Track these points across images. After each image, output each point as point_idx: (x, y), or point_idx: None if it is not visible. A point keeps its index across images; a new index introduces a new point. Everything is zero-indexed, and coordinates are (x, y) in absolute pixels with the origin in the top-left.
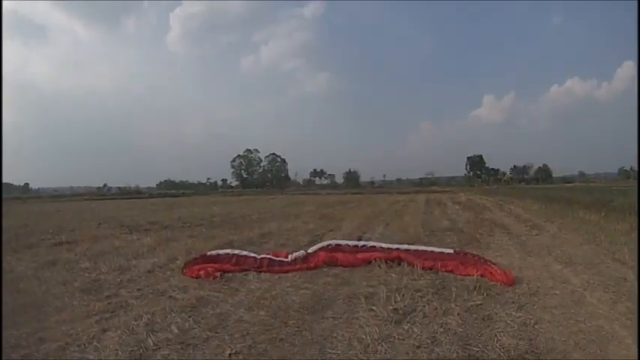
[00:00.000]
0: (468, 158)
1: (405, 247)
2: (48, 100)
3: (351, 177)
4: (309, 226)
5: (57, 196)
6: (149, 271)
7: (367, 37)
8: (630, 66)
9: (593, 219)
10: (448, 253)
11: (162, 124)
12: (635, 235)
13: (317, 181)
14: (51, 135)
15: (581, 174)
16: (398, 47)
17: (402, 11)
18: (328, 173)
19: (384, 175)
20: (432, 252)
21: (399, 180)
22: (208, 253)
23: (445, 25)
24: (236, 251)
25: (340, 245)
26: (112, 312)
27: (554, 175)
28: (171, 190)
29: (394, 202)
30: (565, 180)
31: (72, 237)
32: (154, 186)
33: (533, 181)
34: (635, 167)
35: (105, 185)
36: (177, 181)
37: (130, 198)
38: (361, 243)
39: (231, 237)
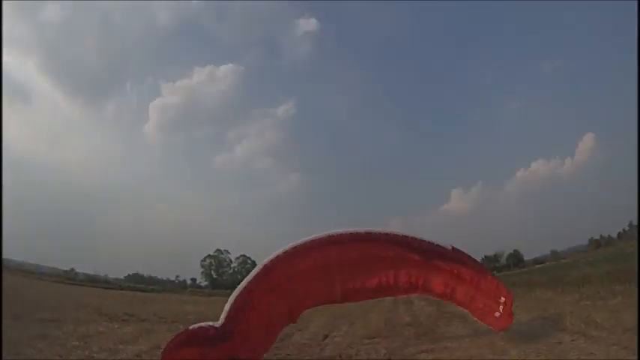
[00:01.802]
0: None
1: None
2: (20, 165)
3: None
4: None
5: (24, 270)
6: (137, 355)
7: (336, 135)
8: (591, 137)
9: (547, 296)
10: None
11: (132, 214)
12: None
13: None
14: (18, 202)
15: (554, 252)
16: (366, 145)
17: (371, 109)
18: None
19: None
20: (430, 243)
21: None
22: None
23: (410, 121)
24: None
25: None
26: None
27: (525, 259)
28: (139, 284)
29: (362, 302)
30: (537, 261)
31: (55, 315)
32: (122, 277)
33: (504, 269)
34: (605, 234)
35: (72, 269)
36: (145, 275)
37: (99, 287)
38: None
39: None
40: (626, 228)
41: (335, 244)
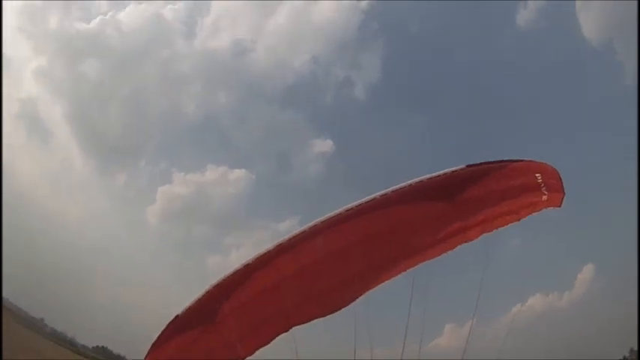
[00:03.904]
0: None
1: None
2: (18, 199)
3: None
4: None
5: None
6: None
7: None
8: (590, 268)
9: None
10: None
11: (115, 288)
12: None
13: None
14: (7, 234)
15: None
16: None
17: None
18: None
19: None
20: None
21: None
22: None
23: None
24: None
25: None
26: None
27: None
28: (105, 359)
29: None
30: None
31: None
32: (90, 347)
33: None
34: None
35: (42, 319)
36: (114, 352)
37: (63, 346)
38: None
39: None
40: (627, 354)
41: (352, 219)
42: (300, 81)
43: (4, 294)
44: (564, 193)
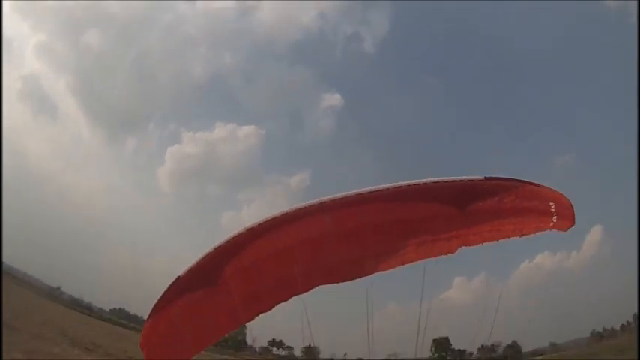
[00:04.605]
0: (434, 340)
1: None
2: (29, 176)
3: (310, 352)
4: None
5: (9, 273)
6: None
7: None
8: (597, 231)
9: None
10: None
11: (129, 250)
12: None
13: (274, 350)
14: (20, 210)
15: (552, 344)
16: None
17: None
18: (287, 345)
19: (345, 354)
20: (460, 181)
21: None
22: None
23: None
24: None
25: None
26: None
27: (523, 350)
28: (123, 319)
29: None
30: (536, 353)
31: (14, 322)
32: (107, 310)
33: (502, 359)
34: (608, 326)
35: (59, 288)
36: (131, 312)
37: (80, 312)
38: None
39: None
40: (630, 320)
41: (362, 203)
42: (307, 38)
43: (21, 266)
44: (574, 224)
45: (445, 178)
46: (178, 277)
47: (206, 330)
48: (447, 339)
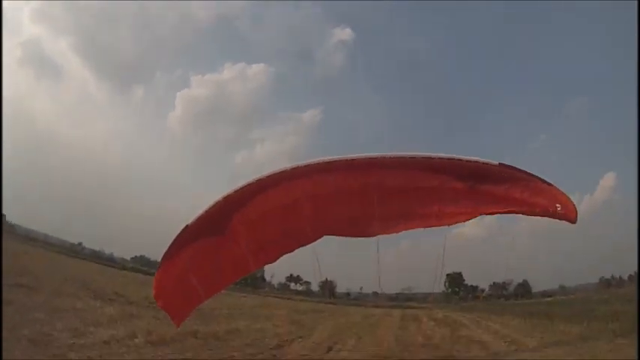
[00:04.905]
0: (447, 275)
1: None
2: (40, 139)
3: (327, 286)
4: (279, 329)
5: (31, 238)
6: (105, 342)
7: (357, 147)
8: (611, 177)
9: (574, 330)
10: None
11: (146, 196)
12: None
13: (292, 286)
14: (38, 174)
15: (562, 287)
16: None
17: (394, 127)
18: (304, 280)
19: (361, 288)
20: (475, 162)
21: (375, 294)
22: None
23: (433, 144)
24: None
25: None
26: None
27: (533, 290)
28: (144, 267)
29: (369, 316)
30: (545, 294)
31: (34, 283)
32: (128, 258)
33: (512, 297)
34: (616, 275)
35: (80, 244)
36: (152, 259)
37: (102, 264)
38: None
39: (196, 327)
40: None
41: (372, 167)
42: None
43: (41, 228)
44: (575, 222)
45: (460, 157)
46: (187, 225)
47: (214, 278)
48: (460, 274)
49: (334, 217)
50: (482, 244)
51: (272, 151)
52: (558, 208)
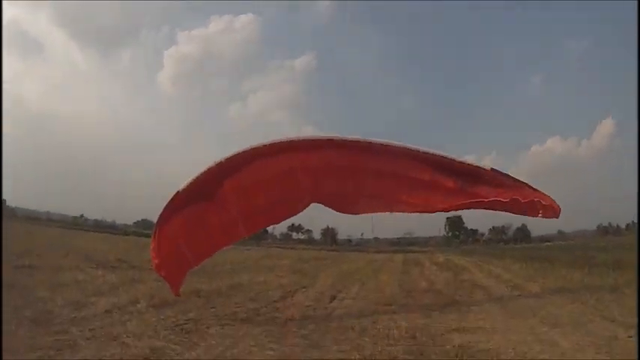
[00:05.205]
0: (447, 219)
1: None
2: (34, 119)
3: (329, 234)
4: (282, 280)
5: (33, 218)
6: (106, 311)
7: (353, 91)
8: (609, 124)
9: (575, 277)
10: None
11: (143, 161)
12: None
13: (294, 235)
14: (32, 154)
15: (560, 232)
16: (382, 106)
17: (390, 71)
18: (306, 229)
19: (362, 234)
20: (468, 165)
21: (376, 239)
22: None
23: (429, 85)
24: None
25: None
26: (58, 350)
27: (532, 235)
28: (147, 230)
29: (371, 261)
30: (543, 239)
31: (36, 262)
32: (131, 223)
33: (511, 242)
34: (614, 223)
35: (82, 216)
36: (154, 221)
37: (105, 232)
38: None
39: (199, 286)
40: (635, 220)
41: (368, 151)
42: None
43: (45, 207)
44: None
45: (457, 158)
46: (177, 192)
47: (202, 244)
48: (460, 218)
49: (326, 190)
50: None
51: (266, 101)
52: (540, 215)
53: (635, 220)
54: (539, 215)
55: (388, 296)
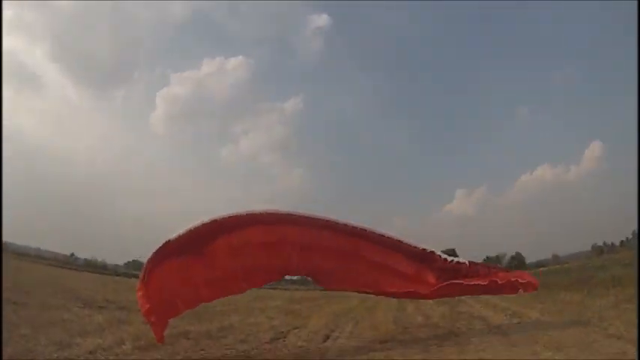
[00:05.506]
0: (441, 252)
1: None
2: (27, 153)
3: None
4: (274, 321)
5: (22, 254)
6: (90, 352)
7: (342, 133)
8: (597, 146)
9: (575, 299)
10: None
11: (135, 204)
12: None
13: (286, 276)
14: (24, 190)
15: (555, 256)
16: (371, 144)
17: (379, 109)
18: None
19: None
20: (450, 262)
21: None
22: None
23: (416, 122)
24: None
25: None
26: None
27: (527, 262)
28: (137, 271)
29: (365, 299)
30: (539, 265)
31: (22, 298)
32: (121, 264)
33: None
34: (608, 241)
35: (72, 255)
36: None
37: (96, 273)
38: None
39: (188, 327)
40: (629, 236)
41: (359, 237)
42: None
43: (33, 243)
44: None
45: (442, 254)
46: (168, 240)
47: (189, 295)
48: (453, 250)
49: (311, 267)
50: (473, 219)
51: (257, 143)
52: (521, 281)
53: (630, 237)
54: (519, 292)
55: (384, 333)
